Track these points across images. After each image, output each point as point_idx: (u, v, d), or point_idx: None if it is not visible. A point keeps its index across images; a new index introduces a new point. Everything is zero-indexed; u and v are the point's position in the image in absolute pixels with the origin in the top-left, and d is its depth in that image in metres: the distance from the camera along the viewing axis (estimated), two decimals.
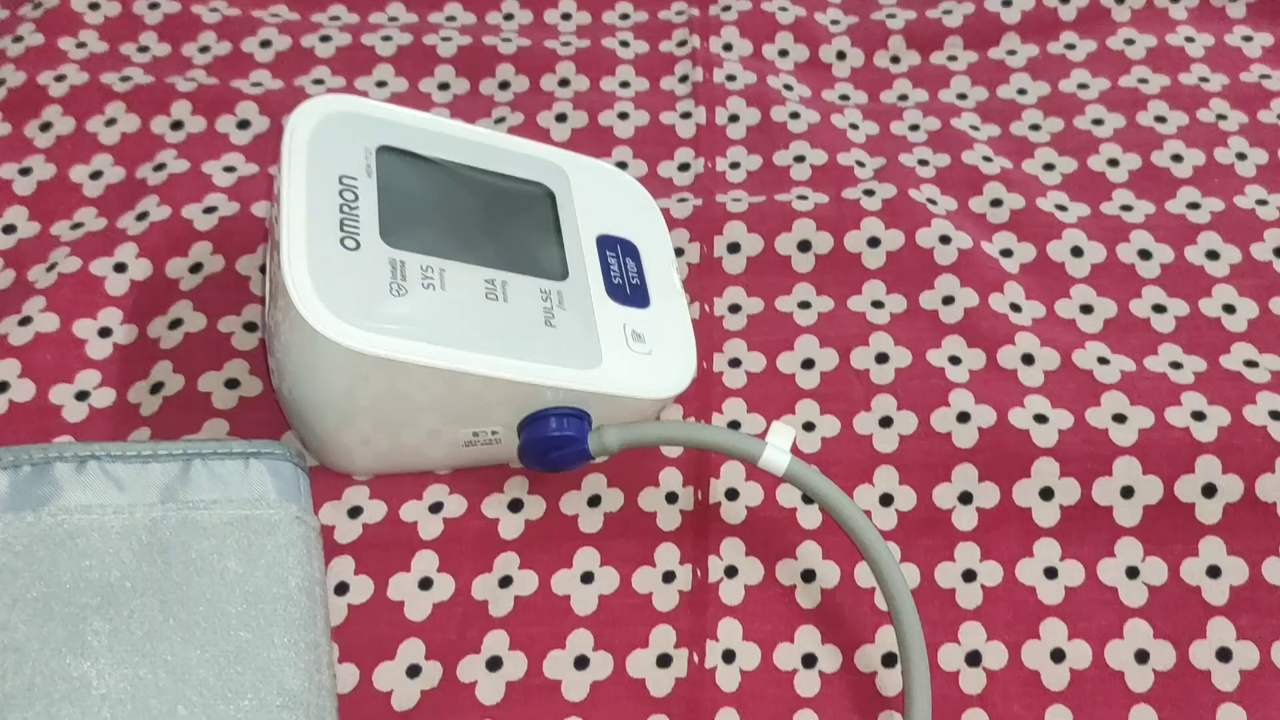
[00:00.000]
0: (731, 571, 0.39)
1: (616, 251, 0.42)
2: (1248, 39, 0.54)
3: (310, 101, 0.41)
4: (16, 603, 0.31)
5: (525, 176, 0.43)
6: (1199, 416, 0.41)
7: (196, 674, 0.32)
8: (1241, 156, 0.50)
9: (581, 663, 0.37)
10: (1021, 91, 0.53)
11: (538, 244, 0.41)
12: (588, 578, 0.39)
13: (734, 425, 0.42)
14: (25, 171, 0.47)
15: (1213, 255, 0.47)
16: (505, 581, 0.39)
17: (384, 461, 0.40)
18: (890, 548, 0.39)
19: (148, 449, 0.35)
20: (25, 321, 0.42)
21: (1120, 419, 0.41)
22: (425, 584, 0.38)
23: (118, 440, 0.40)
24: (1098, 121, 0.51)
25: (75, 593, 0.32)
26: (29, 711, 0.30)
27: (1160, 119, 0.51)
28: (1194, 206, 0.48)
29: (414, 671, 0.37)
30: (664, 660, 0.38)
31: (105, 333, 0.43)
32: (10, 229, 0.46)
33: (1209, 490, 0.40)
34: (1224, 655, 0.38)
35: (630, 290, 0.41)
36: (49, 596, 0.32)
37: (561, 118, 0.50)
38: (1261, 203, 0.48)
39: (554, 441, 0.38)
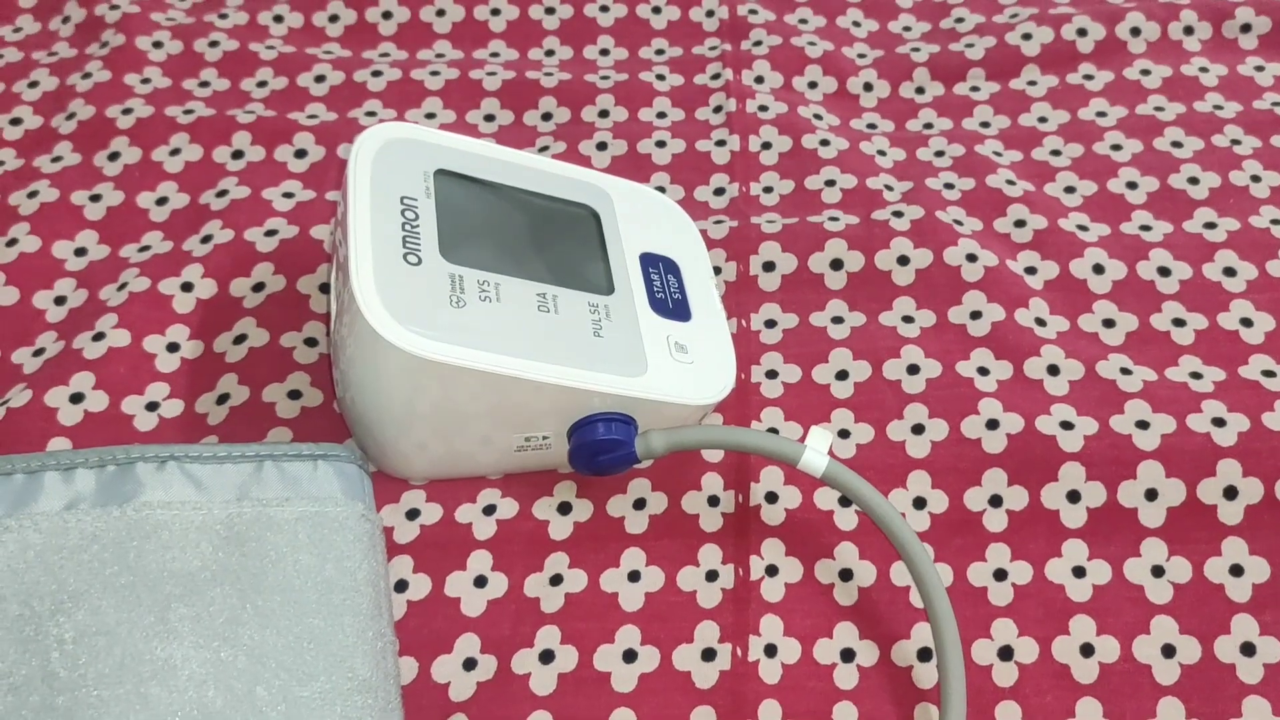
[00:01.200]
0: (772, 570, 0.41)
1: (659, 268, 0.44)
2: (1260, 69, 0.57)
3: (373, 129, 0.43)
4: (106, 590, 0.33)
5: (571, 198, 0.45)
6: (1219, 423, 0.43)
7: (274, 657, 0.34)
8: (1256, 179, 0.52)
9: (630, 656, 0.39)
10: (1042, 120, 0.55)
11: (585, 261, 0.43)
12: (634, 576, 0.41)
13: (772, 431, 0.44)
14: (95, 198, 0.50)
15: (1230, 272, 0.49)
16: (556, 580, 0.40)
17: (440, 467, 0.42)
18: (925, 547, 0.41)
19: (223, 450, 0.38)
20: (99, 337, 0.45)
21: (1143, 425, 0.43)
22: (480, 582, 0.40)
23: None
24: (1116, 147, 0.53)
25: (160, 581, 0.34)
26: (120, 689, 0.32)
27: (1177, 144, 0.53)
28: (1211, 226, 0.50)
29: (470, 664, 0.39)
30: (708, 654, 0.39)
31: (173, 348, 0.45)
32: (82, 252, 0.48)
33: (1230, 493, 0.42)
34: (1248, 650, 0.40)
35: (673, 304, 0.43)
36: (136, 585, 0.34)
37: (602, 146, 0.53)
38: (1276, 222, 0.50)
39: (603, 445, 0.40)
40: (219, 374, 0.45)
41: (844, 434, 0.44)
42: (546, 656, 0.39)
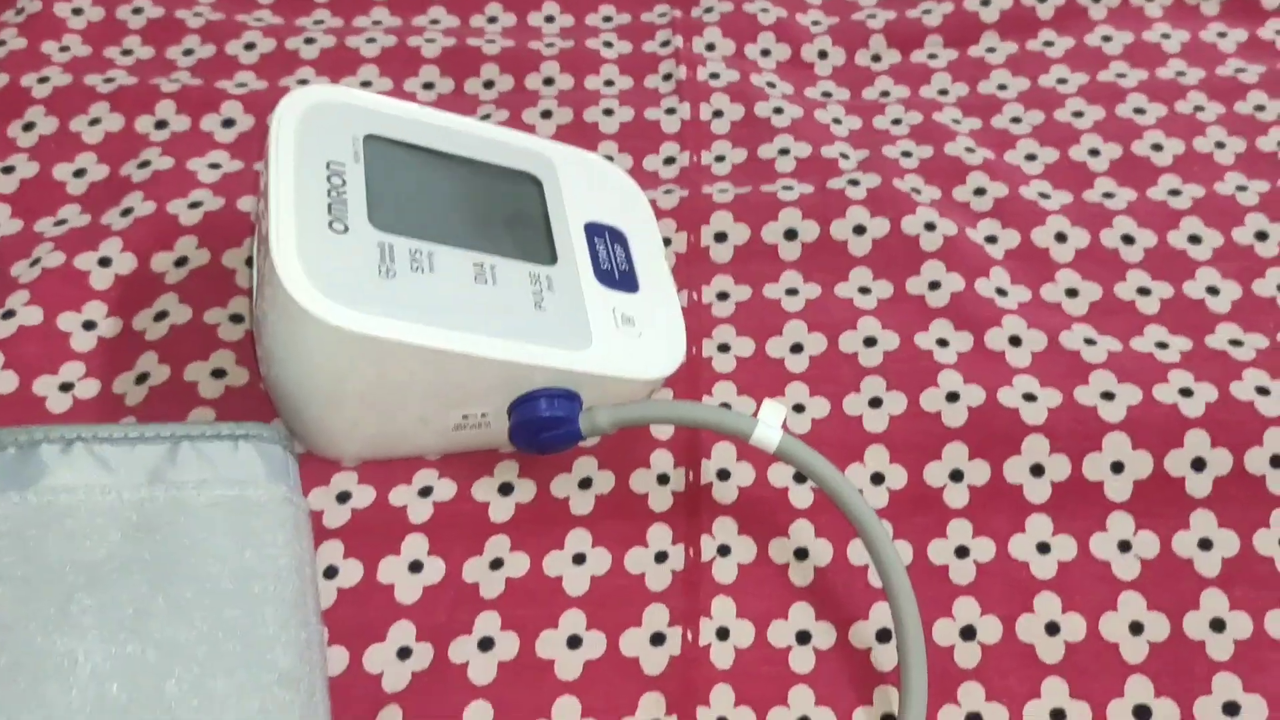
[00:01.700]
0: (724, 550, 0.39)
1: (605, 238, 0.42)
2: (1222, 35, 0.55)
3: (298, 91, 0.41)
4: (2, 581, 0.31)
5: (512, 166, 0.43)
6: (1186, 393, 0.42)
7: (187, 651, 0.31)
8: (1220, 145, 0.51)
9: (574, 642, 0.37)
10: (1002, 87, 0.53)
11: (525, 230, 0.41)
12: (579, 559, 0.39)
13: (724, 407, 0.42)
14: (8, 170, 0.47)
15: (1195, 240, 0.47)
16: (496, 564, 0.38)
17: (372, 447, 0.39)
18: (883, 524, 0.39)
19: (134, 431, 0.35)
20: (8, 315, 0.42)
21: (1109, 396, 0.42)
22: (415, 567, 0.38)
23: None
24: (1078, 114, 0.52)
25: (62, 572, 0.31)
26: (14, 687, 0.29)
27: (1139, 110, 0.52)
28: (1175, 193, 0.49)
29: (405, 653, 0.36)
30: (658, 639, 0.37)
31: (89, 326, 0.43)
32: None
33: (1198, 464, 0.40)
34: (1218, 626, 0.38)
35: (619, 275, 0.41)
36: (35, 575, 0.31)
37: (546, 114, 0.51)
38: (1241, 189, 0.49)
39: (545, 422, 0.38)
40: (138, 352, 0.42)
41: (799, 408, 0.42)
42: (485, 644, 0.37)
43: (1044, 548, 0.39)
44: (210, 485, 0.34)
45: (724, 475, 0.40)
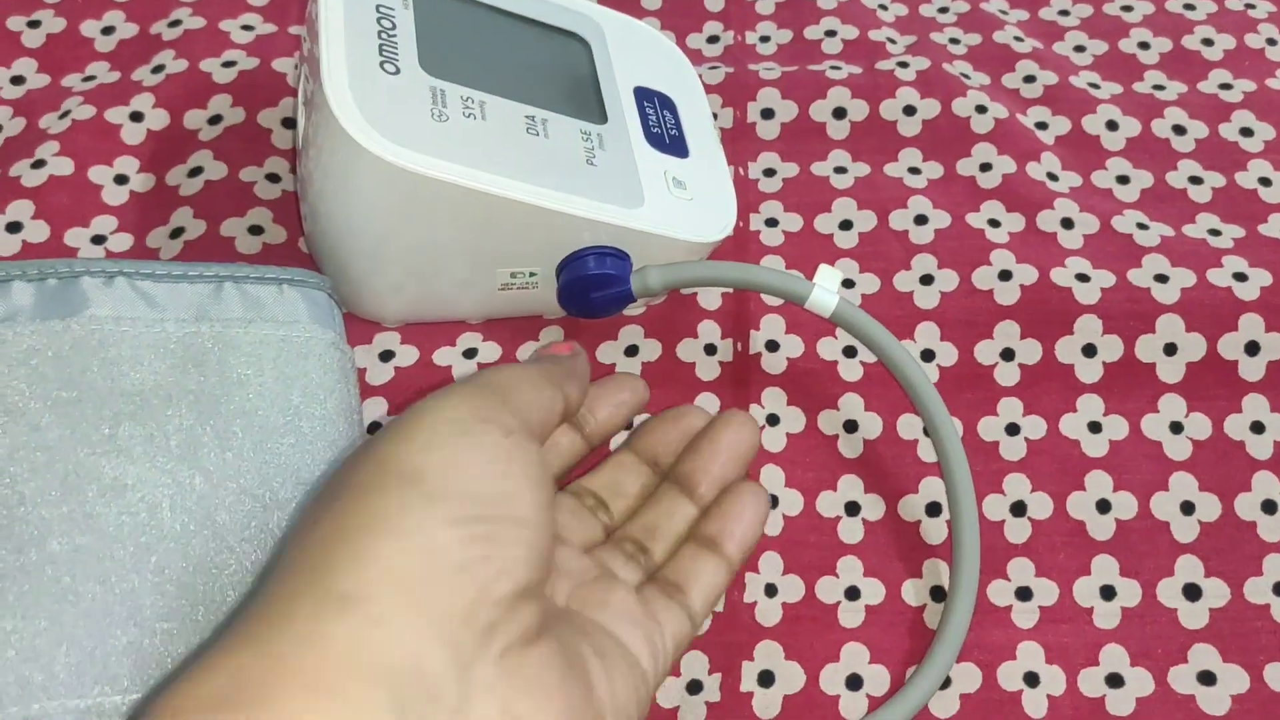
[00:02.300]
0: (773, 420, 0.38)
1: (654, 103, 0.41)
2: None
3: None
4: (48, 406, 0.30)
5: (562, 25, 0.42)
6: (1240, 277, 0.41)
7: (236, 481, 0.30)
8: (1272, 42, 0.50)
9: None
10: None
11: (576, 88, 0.40)
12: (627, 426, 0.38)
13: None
14: (34, 24, 0.46)
15: (1247, 132, 0.46)
16: None
17: (417, 308, 0.38)
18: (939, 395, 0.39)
19: (179, 269, 0.34)
20: (39, 165, 0.41)
21: (1162, 279, 0.41)
22: None
23: None
24: (1127, 8, 0.51)
25: (109, 398, 0.30)
26: (63, 508, 0.28)
27: (1189, 6, 0.51)
28: (1226, 87, 0.48)
29: None
30: None
31: (121, 180, 0.41)
32: (19, 80, 0.44)
33: (1252, 348, 0.40)
34: (1269, 508, 0.38)
35: (669, 140, 0.40)
36: (81, 400, 0.30)
37: None
38: None
39: (595, 280, 0.37)
40: (172, 207, 0.41)
41: (848, 284, 0.41)
42: None
43: (1095, 427, 0.39)
44: (256, 325, 0.33)
45: (773, 346, 0.40)
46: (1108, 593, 0.36)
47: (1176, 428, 0.39)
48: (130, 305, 0.32)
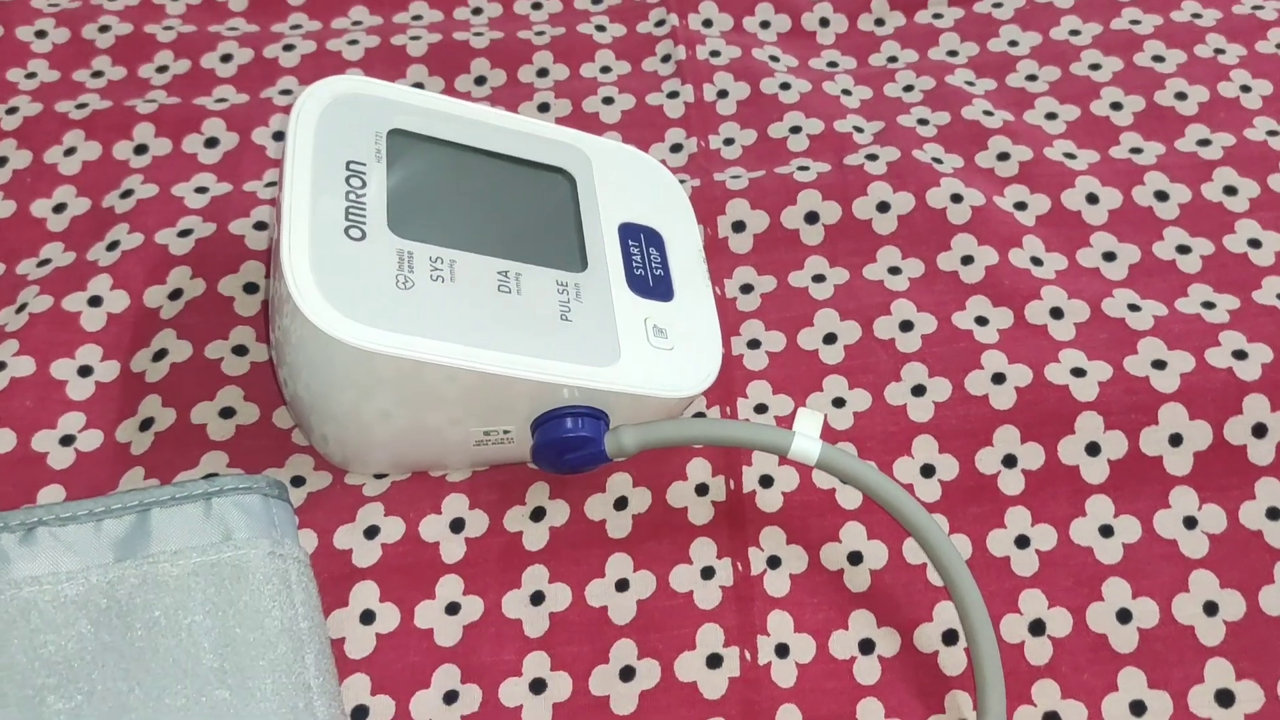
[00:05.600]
0: (774, 562, 0.37)
1: (640, 241, 0.40)
2: None
3: (319, 83, 0.39)
4: None
5: (545, 161, 0.40)
6: (1240, 355, 0.40)
7: None
8: (1246, 89, 0.48)
9: (627, 674, 0.35)
10: (1013, 43, 0.51)
11: (556, 233, 0.39)
12: (622, 585, 0.37)
13: (760, 410, 0.40)
14: None
15: (1230, 191, 0.45)
16: (537, 598, 0.36)
17: (397, 461, 0.38)
18: (938, 520, 0.38)
19: (99, 505, 0.33)
20: None
21: (1160, 365, 0.40)
22: (453, 609, 0.36)
23: (111, 486, 0.38)
24: (1095, 66, 0.50)
25: (30, 674, 0.29)
26: None
27: (1158, 58, 0.50)
28: (1205, 143, 0.47)
29: (452, 697, 0.35)
30: (714, 660, 0.35)
31: (85, 371, 0.40)
32: None
33: (1259, 430, 0.39)
34: None
35: (653, 282, 0.39)
36: (2, 679, 0.29)
37: (544, 108, 0.48)
38: (1273, 133, 0.47)
39: (569, 443, 0.36)
40: (140, 396, 0.40)
41: (839, 403, 0.40)
42: (537, 686, 0.35)
43: (1107, 530, 0.38)
44: (184, 554, 0.32)
45: (767, 482, 0.38)
46: (1138, 708, 0.35)
47: (1190, 522, 0.38)
48: (50, 558, 0.31)
